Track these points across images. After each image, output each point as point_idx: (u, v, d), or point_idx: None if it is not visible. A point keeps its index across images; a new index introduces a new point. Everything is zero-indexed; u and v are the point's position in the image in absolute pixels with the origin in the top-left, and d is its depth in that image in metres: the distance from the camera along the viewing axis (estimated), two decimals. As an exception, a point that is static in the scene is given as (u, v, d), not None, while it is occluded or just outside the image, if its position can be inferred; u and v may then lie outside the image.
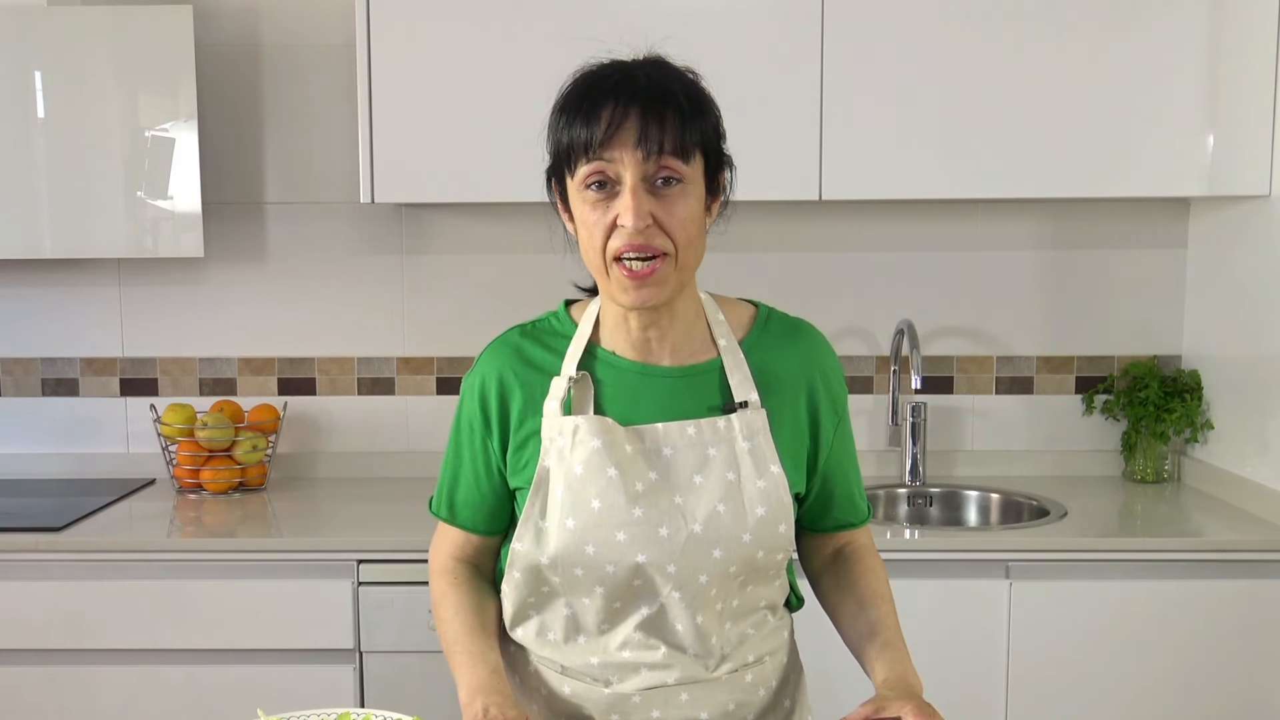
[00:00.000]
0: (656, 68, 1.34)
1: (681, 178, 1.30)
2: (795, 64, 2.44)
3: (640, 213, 1.27)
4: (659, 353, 1.42)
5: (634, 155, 1.28)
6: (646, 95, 1.29)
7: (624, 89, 1.30)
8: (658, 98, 1.29)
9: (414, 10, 2.45)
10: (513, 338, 1.46)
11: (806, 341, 1.47)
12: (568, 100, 1.33)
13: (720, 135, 1.37)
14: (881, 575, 1.51)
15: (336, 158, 2.82)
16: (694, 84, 1.35)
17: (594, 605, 1.38)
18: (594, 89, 1.31)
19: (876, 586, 1.49)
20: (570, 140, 1.31)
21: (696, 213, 1.32)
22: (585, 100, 1.31)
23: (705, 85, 1.37)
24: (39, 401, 2.91)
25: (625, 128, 1.28)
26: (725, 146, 1.38)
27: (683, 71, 1.36)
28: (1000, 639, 2.32)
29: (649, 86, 1.30)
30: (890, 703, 1.31)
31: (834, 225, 2.84)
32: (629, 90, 1.29)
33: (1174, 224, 2.83)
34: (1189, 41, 2.42)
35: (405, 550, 2.30)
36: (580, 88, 1.33)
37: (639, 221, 1.27)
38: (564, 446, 1.37)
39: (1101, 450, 2.88)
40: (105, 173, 2.57)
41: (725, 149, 1.38)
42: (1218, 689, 2.32)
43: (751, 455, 1.38)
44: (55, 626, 2.33)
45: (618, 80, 1.31)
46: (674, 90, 1.31)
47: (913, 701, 1.31)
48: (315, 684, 2.33)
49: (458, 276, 2.86)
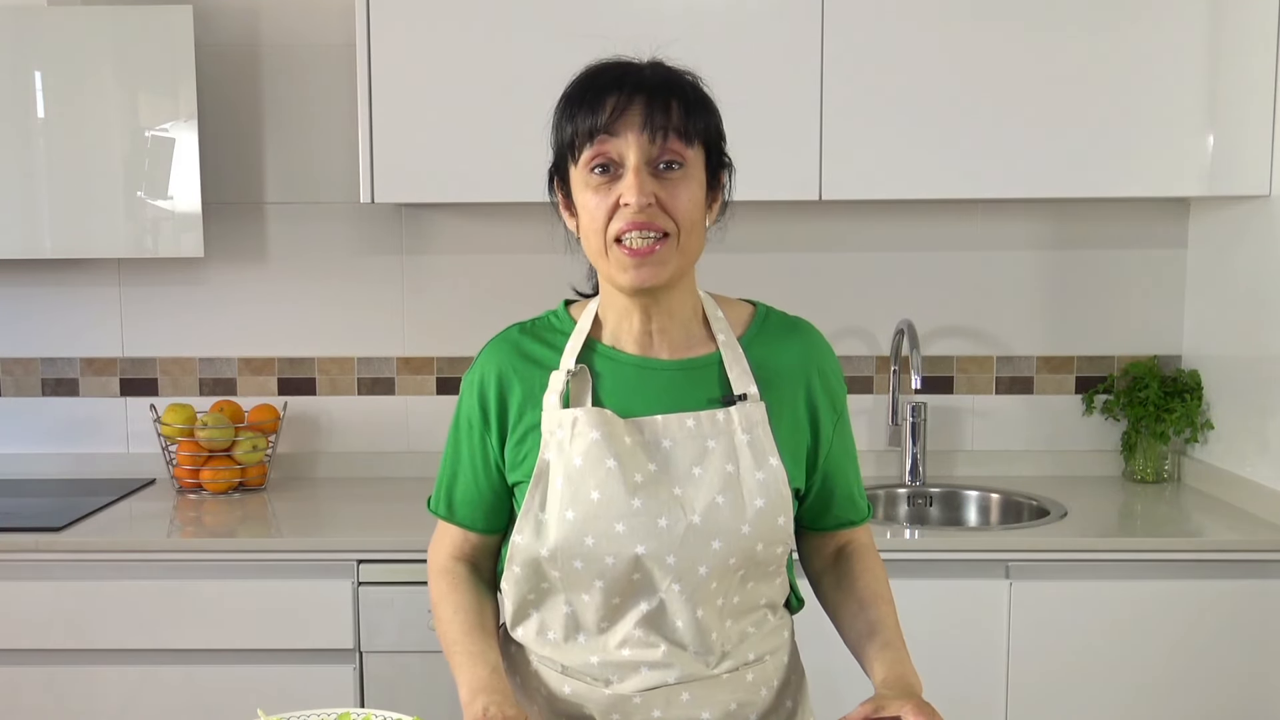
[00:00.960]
0: (659, 66, 1.38)
1: (684, 162, 1.33)
2: (795, 64, 2.44)
3: (644, 190, 1.30)
4: (658, 347, 1.43)
5: (638, 138, 1.31)
6: (651, 84, 1.33)
7: (628, 79, 1.33)
8: (662, 86, 1.33)
9: (414, 10, 2.45)
10: (512, 335, 1.47)
11: (805, 339, 1.48)
12: (572, 93, 1.36)
13: (721, 136, 1.40)
14: (881, 575, 1.51)
15: (336, 158, 2.82)
16: (696, 83, 1.39)
17: (593, 601, 1.38)
18: (598, 80, 1.35)
19: (876, 587, 1.49)
20: (575, 128, 1.34)
21: (699, 198, 1.35)
22: (589, 90, 1.34)
23: (707, 89, 1.40)
24: (39, 401, 2.91)
25: (630, 112, 1.31)
26: (726, 149, 1.41)
27: (685, 72, 1.39)
28: (1000, 639, 2.32)
29: (653, 78, 1.34)
30: (889, 702, 1.31)
31: (834, 225, 2.84)
32: (634, 80, 1.33)
33: (1174, 224, 2.83)
34: (1189, 41, 2.42)
35: (405, 550, 2.30)
36: (584, 81, 1.36)
37: (642, 199, 1.29)
38: (563, 439, 1.38)
39: (1101, 450, 2.88)
40: (105, 173, 2.57)
41: (726, 152, 1.41)
42: (1218, 689, 2.32)
43: (750, 447, 1.39)
44: (55, 626, 2.33)
45: (622, 73, 1.35)
46: (678, 82, 1.35)
47: (912, 701, 1.31)
48: (315, 684, 2.33)
49: (458, 276, 2.86)
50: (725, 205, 1.43)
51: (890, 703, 1.31)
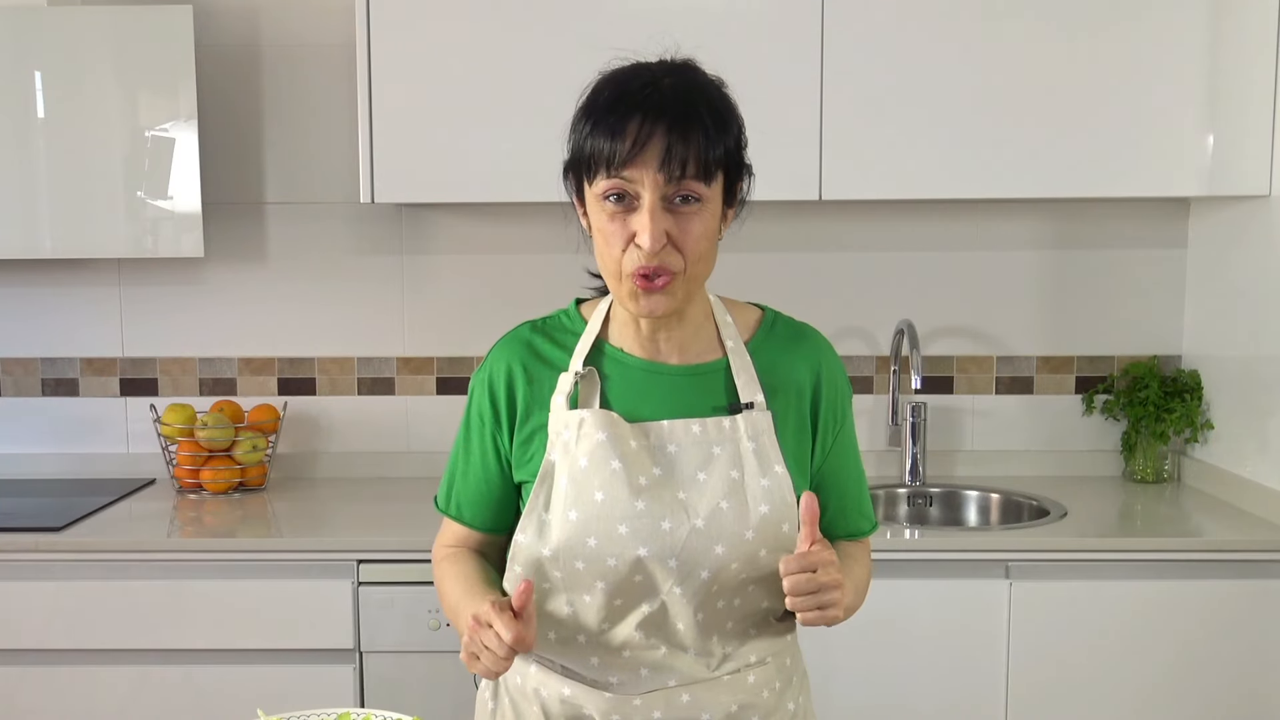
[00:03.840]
0: (682, 77, 1.33)
1: (701, 198, 1.30)
2: (795, 64, 2.44)
3: (657, 235, 1.28)
4: (667, 351, 1.42)
5: (655, 177, 1.28)
6: (673, 113, 1.28)
7: (651, 102, 1.29)
8: (683, 116, 1.28)
9: (414, 10, 2.45)
10: (523, 333, 1.47)
11: (811, 346, 1.47)
12: (593, 106, 1.32)
13: (741, 147, 1.37)
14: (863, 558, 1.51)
15: (336, 158, 2.81)
16: (720, 96, 1.35)
17: (595, 603, 1.38)
18: (621, 100, 1.30)
19: (853, 552, 1.49)
20: (593, 150, 1.30)
21: (711, 229, 1.34)
22: (611, 113, 1.29)
23: (730, 94, 1.36)
24: (39, 401, 2.91)
25: (649, 147, 1.27)
26: (746, 154, 1.38)
27: (708, 81, 1.35)
28: (1000, 639, 2.32)
29: (675, 102, 1.29)
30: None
31: (834, 225, 2.84)
32: (655, 105, 1.28)
33: (1174, 224, 2.83)
34: (1189, 41, 2.42)
35: (405, 550, 2.30)
36: (607, 96, 1.32)
37: (655, 244, 1.28)
38: (569, 439, 1.38)
39: (1101, 450, 2.88)
40: (105, 173, 2.57)
41: (746, 157, 1.38)
42: (1218, 689, 2.32)
43: (756, 455, 1.39)
44: (55, 626, 2.33)
45: (645, 93, 1.30)
46: (699, 107, 1.30)
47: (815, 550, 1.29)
48: (315, 684, 2.33)
49: (458, 276, 2.86)
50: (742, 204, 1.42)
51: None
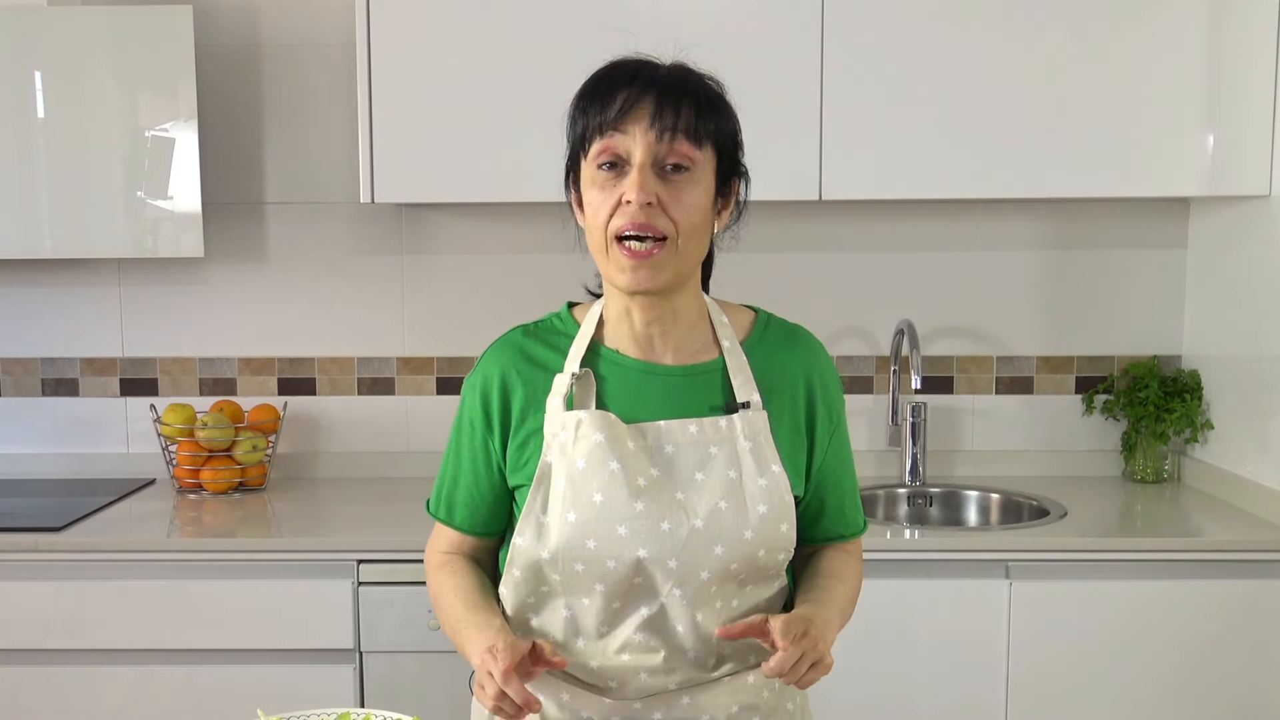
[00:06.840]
0: (679, 66, 1.38)
1: (692, 165, 1.32)
2: (795, 64, 2.44)
3: (645, 188, 1.29)
4: (662, 351, 1.42)
5: (646, 135, 1.30)
6: (665, 82, 1.33)
7: (643, 75, 1.33)
8: (676, 85, 1.33)
9: (414, 10, 2.45)
10: (515, 337, 1.47)
11: (804, 347, 1.48)
12: (586, 88, 1.37)
13: (737, 143, 1.39)
14: (853, 567, 1.50)
15: (336, 158, 2.81)
16: (715, 84, 1.39)
17: (594, 605, 1.38)
18: (613, 74, 1.35)
19: (838, 568, 1.48)
20: (586, 122, 1.34)
21: (703, 203, 1.34)
22: (602, 85, 1.34)
23: (727, 94, 1.39)
24: (39, 401, 2.91)
25: (640, 107, 1.31)
26: (742, 157, 1.40)
27: (705, 73, 1.39)
28: (1000, 639, 2.32)
29: (668, 76, 1.34)
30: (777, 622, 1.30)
31: (834, 225, 2.84)
32: (647, 77, 1.33)
33: (1174, 224, 2.83)
34: (1189, 41, 2.42)
35: (405, 550, 2.30)
36: (599, 76, 1.37)
37: (643, 196, 1.29)
38: (566, 441, 1.37)
39: (1101, 450, 2.88)
40: (105, 173, 2.57)
41: (742, 160, 1.40)
42: (1218, 689, 2.32)
43: (753, 455, 1.38)
44: (55, 626, 2.33)
45: (638, 69, 1.34)
46: (693, 83, 1.35)
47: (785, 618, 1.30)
48: (315, 684, 2.33)
49: (458, 276, 2.86)
50: (739, 213, 1.43)
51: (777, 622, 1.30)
